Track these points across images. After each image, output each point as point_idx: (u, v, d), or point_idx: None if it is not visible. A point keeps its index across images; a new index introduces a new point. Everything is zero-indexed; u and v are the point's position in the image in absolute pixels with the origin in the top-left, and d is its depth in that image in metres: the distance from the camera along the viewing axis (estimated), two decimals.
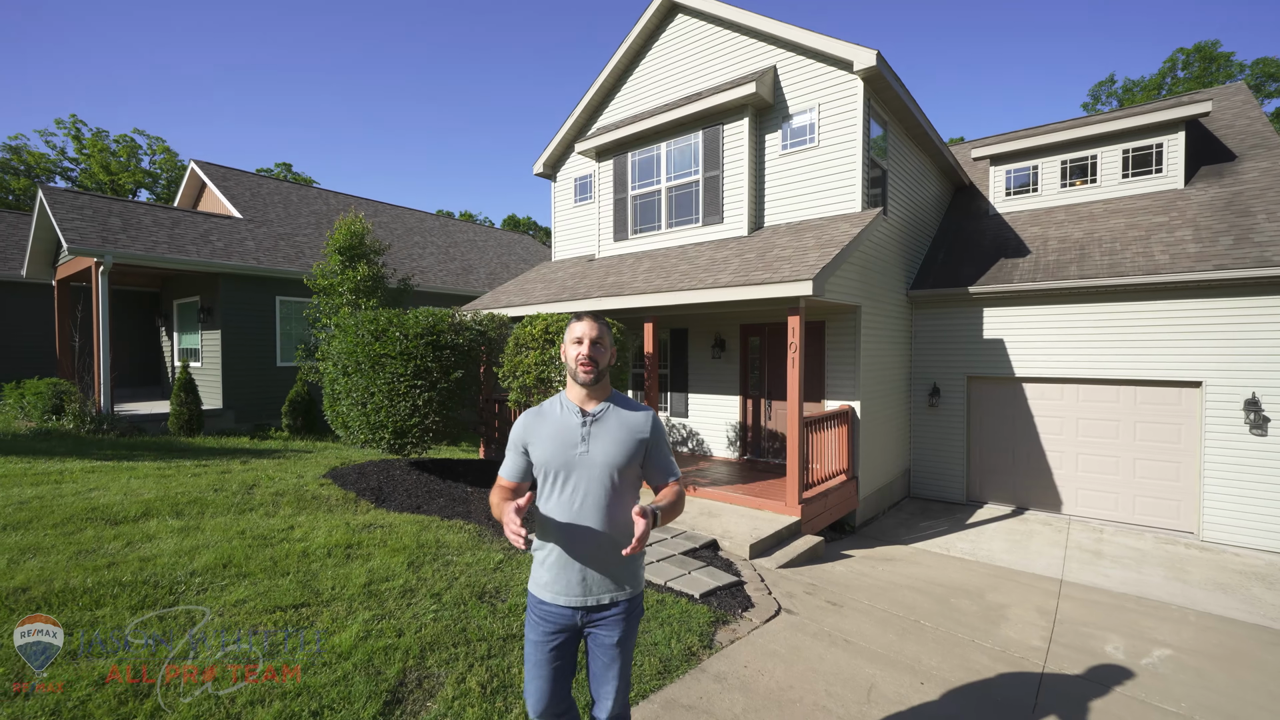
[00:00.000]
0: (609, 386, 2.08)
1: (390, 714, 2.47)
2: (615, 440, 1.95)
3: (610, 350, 2.03)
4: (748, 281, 6.21)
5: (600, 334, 2.00)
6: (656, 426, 2.05)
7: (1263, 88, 21.76)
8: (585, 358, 1.96)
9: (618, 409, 2.02)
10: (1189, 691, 3.61)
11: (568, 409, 2.01)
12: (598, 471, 1.92)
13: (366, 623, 3.19)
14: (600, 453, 1.93)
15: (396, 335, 6.47)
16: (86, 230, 9.98)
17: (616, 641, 1.94)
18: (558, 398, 2.07)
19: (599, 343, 1.99)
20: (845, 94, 7.42)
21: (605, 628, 1.95)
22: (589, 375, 1.97)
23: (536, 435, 1.98)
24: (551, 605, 1.94)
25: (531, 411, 2.06)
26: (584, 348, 1.97)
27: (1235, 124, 9.83)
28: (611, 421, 1.98)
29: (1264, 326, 6.89)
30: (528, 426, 2.02)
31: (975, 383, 9.06)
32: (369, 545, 4.53)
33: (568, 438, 1.94)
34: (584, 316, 2.05)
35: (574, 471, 1.92)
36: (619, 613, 1.96)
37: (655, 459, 2.04)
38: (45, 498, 5.16)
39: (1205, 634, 4.70)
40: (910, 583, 5.42)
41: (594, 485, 1.91)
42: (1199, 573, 6.29)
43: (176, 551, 4.03)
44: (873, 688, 3.19)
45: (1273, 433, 6.85)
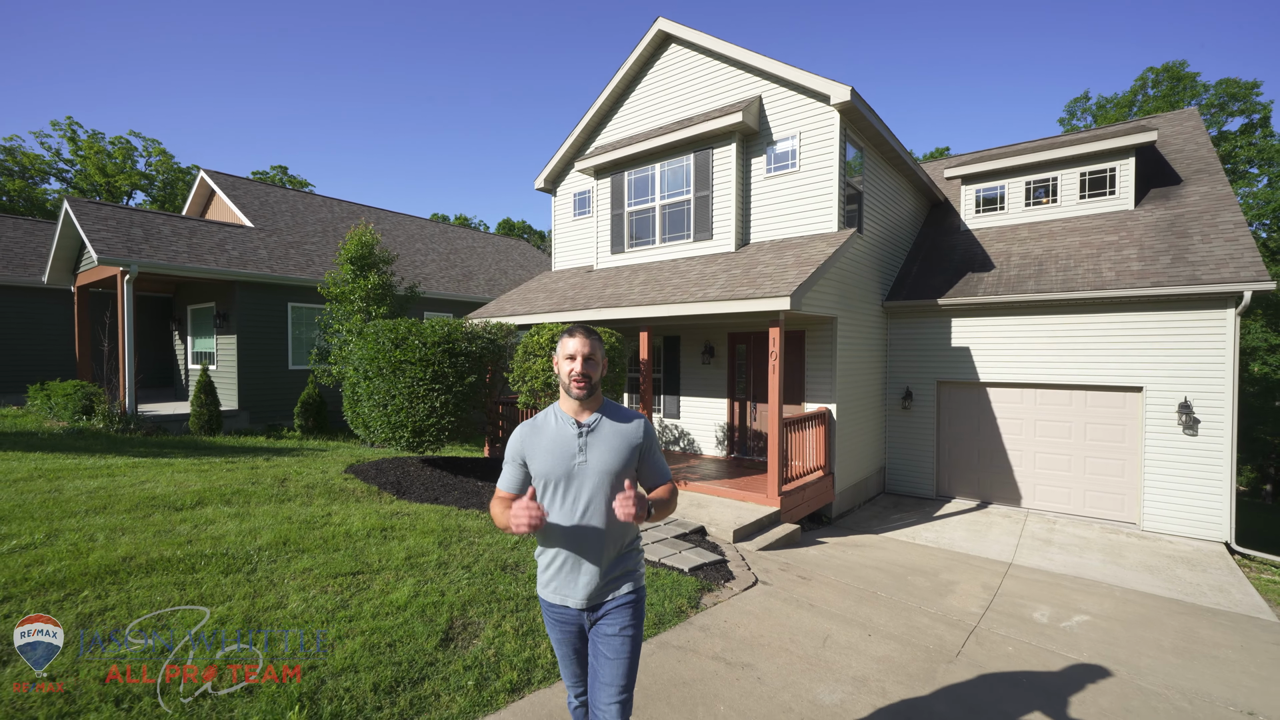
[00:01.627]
0: (601, 397, 2.14)
1: (446, 646, 3.17)
2: (611, 449, 2.02)
3: (602, 363, 2.09)
4: (734, 296, 6.93)
5: (592, 349, 2.05)
6: (648, 432, 2.14)
7: (1226, 107, 22.85)
8: (579, 375, 2.01)
9: (610, 419, 2.08)
10: (1092, 644, 4.36)
11: (562, 420, 2.06)
12: (597, 479, 1.99)
13: (414, 585, 3.87)
14: (598, 461, 2.00)
15: (416, 343, 7.14)
16: (113, 240, 10.57)
17: (620, 630, 2.01)
18: (551, 410, 2.13)
19: (591, 358, 2.04)
20: (824, 124, 8.17)
21: (610, 619, 2.03)
22: (582, 390, 2.03)
23: (534, 448, 2.04)
24: (561, 607, 2.05)
25: (526, 425, 2.12)
26: (577, 364, 2.02)
27: (1185, 149, 10.68)
28: (606, 430, 2.05)
29: (1194, 337, 7.70)
30: (524, 440, 2.07)
31: (944, 387, 9.84)
32: (401, 529, 5.20)
33: (565, 449, 2.01)
34: (576, 332, 2.07)
35: (574, 481, 2.00)
36: (622, 603, 2.04)
37: (649, 463, 2.13)
38: (108, 488, 5.79)
39: (1123, 605, 5.46)
40: (874, 564, 6.15)
41: (595, 493, 1.99)
42: (1133, 557, 7.07)
43: (239, 532, 4.69)
44: (828, 637, 3.91)
45: (1202, 433, 7.65)
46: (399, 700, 2.68)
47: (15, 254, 13.78)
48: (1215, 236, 8.23)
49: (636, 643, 2.06)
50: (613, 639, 2.01)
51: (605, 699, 1.99)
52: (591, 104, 10.82)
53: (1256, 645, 4.67)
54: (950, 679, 3.55)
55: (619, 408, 2.16)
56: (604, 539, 2.00)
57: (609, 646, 2.01)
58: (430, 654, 3.07)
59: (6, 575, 3.44)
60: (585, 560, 2.01)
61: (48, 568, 3.60)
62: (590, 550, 2.00)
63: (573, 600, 2.02)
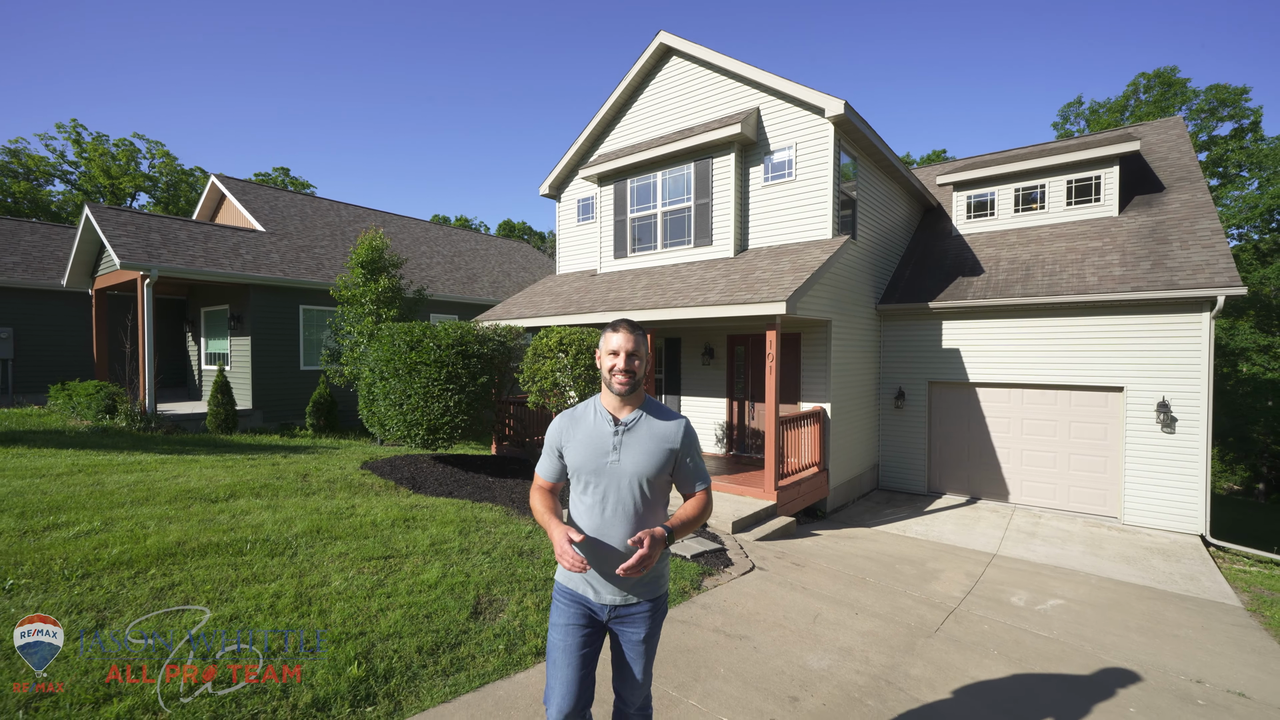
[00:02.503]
0: (643, 394, 2.08)
1: (476, 618, 3.54)
2: (645, 451, 1.97)
3: (647, 359, 2.03)
4: (732, 301, 7.30)
5: (636, 345, 2.00)
6: (687, 435, 2.06)
7: (1216, 112, 23.28)
8: (622, 370, 1.98)
9: (650, 417, 2.03)
10: (1063, 624, 4.74)
11: (601, 415, 2.03)
12: (627, 480, 1.94)
13: (442, 568, 4.25)
14: (630, 462, 1.95)
15: (430, 345, 7.52)
16: (134, 246, 10.95)
17: (643, 638, 1.98)
18: (592, 402, 2.09)
19: (635, 354, 1.99)
20: (819, 136, 8.55)
21: (632, 625, 1.98)
22: (624, 387, 1.99)
23: (570, 439, 2.02)
24: (578, 594, 2.01)
25: (566, 415, 2.09)
26: (620, 360, 1.98)
27: (1169, 157, 11.06)
28: (643, 431, 2.00)
29: (1172, 339, 8.08)
30: (562, 430, 2.06)
31: (935, 387, 10.22)
32: (422, 519, 5.58)
33: (600, 445, 1.97)
34: (620, 326, 2.02)
35: (603, 479, 1.96)
36: (645, 610, 1.99)
37: (685, 468, 2.05)
38: (145, 482, 6.16)
39: (1097, 591, 5.84)
40: (865, 553, 6.53)
41: (623, 494, 1.94)
42: (1112, 549, 7.45)
43: (275, 521, 5.07)
44: (818, 615, 4.29)
45: (1179, 431, 8.03)
46: (440, 660, 3.06)
47: (34, 258, 14.16)
48: (1193, 243, 8.61)
49: (655, 645, 2.08)
50: (636, 645, 2.00)
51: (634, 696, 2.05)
52: (595, 112, 11.20)
53: (1216, 626, 5.05)
54: (927, 650, 3.93)
55: (661, 407, 2.10)
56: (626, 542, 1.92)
57: (632, 650, 2.00)
58: (463, 624, 3.45)
59: (80, 556, 3.82)
60: (608, 560, 1.95)
61: (113, 550, 3.97)
62: (613, 552, 1.94)
63: (592, 594, 1.98)
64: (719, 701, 3.06)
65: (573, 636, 1.98)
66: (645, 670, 2.04)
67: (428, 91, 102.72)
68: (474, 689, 2.87)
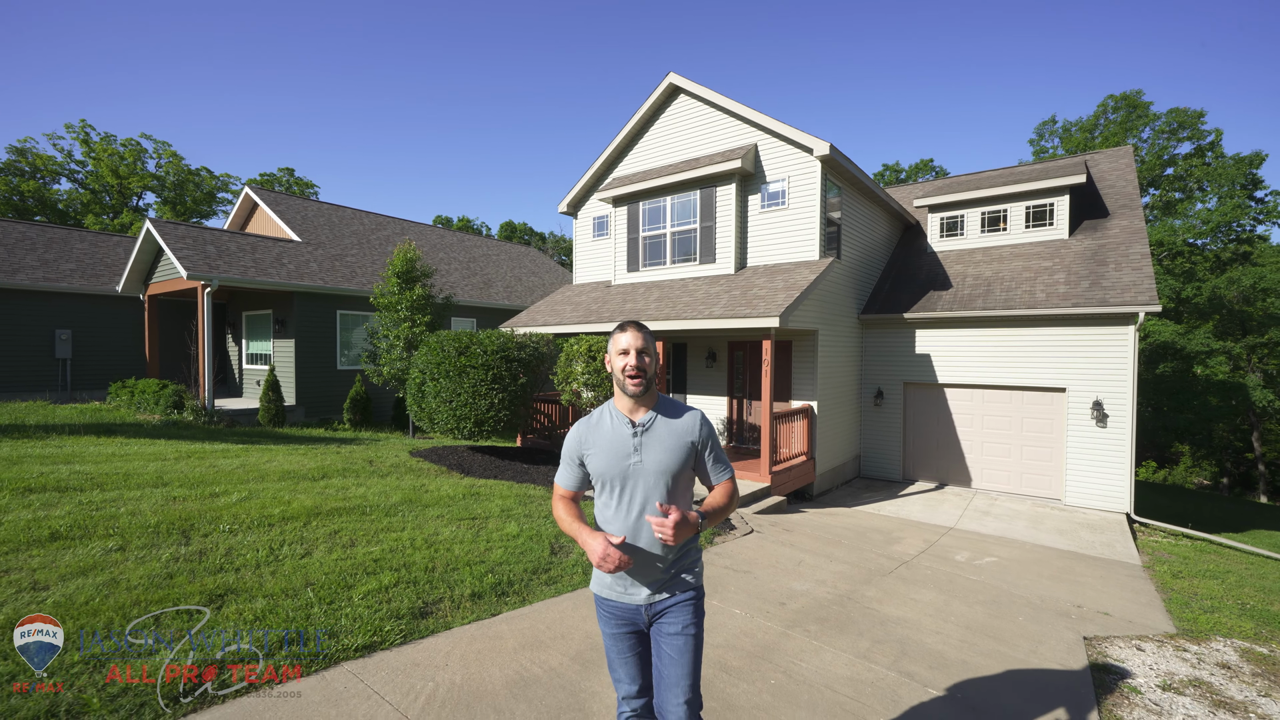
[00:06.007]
0: (656, 394, 2.11)
1: (554, 555, 4.90)
2: (666, 448, 2.00)
3: (657, 357, 2.05)
4: (734, 315, 8.67)
5: (645, 343, 2.02)
6: (704, 427, 2.08)
7: (1176, 133, 24.97)
8: (634, 368, 2.00)
9: (665, 417, 2.06)
10: (991, 573, 6.15)
11: (617, 420, 2.06)
12: (652, 480, 1.98)
13: (518, 525, 5.59)
14: (653, 461, 1.98)
15: (478, 351, 8.84)
16: (195, 258, 12.19)
17: (682, 629, 1.99)
18: (605, 408, 2.12)
19: (645, 351, 2.02)
20: (808, 171, 9.92)
21: (670, 619, 2.00)
22: (638, 386, 2.01)
23: (590, 447, 2.05)
24: (616, 603, 2.04)
25: (582, 423, 2.12)
26: (631, 358, 2.00)
27: (1116, 184, 12.52)
28: (661, 429, 2.03)
29: (1105, 348, 9.52)
30: (581, 439, 2.08)
31: (910, 387, 11.64)
32: (485, 494, 6.92)
33: (620, 449, 2.00)
34: (627, 326, 2.04)
35: (629, 480, 1.99)
36: (683, 600, 2.02)
37: (706, 460, 2.08)
38: (247, 465, 7.46)
39: (1028, 553, 7.26)
40: (843, 525, 7.94)
41: (650, 494, 1.98)
42: (1050, 524, 8.89)
43: (374, 493, 6.39)
44: (801, 561, 5.68)
45: (1110, 426, 9.48)
46: (540, 577, 4.42)
47: (87, 265, 15.33)
48: (1126, 265, 10.06)
49: (699, 640, 2.04)
50: (676, 638, 1.99)
51: (675, 700, 1.97)
52: (610, 141, 12.53)
53: (1112, 576, 6.48)
54: (881, 583, 5.33)
55: (674, 404, 2.14)
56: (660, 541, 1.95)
57: (672, 646, 1.99)
58: (547, 559, 4.81)
59: (255, 514, 5.14)
60: (641, 561, 1.99)
61: (273, 510, 5.29)
62: (644, 553, 1.98)
63: (630, 598, 2.01)
64: (733, 603, 4.44)
65: (623, 641, 2.07)
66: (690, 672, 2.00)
67: (427, 91, 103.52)
68: (569, 591, 4.24)
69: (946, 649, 4.02)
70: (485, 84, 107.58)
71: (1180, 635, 4.71)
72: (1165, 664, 4.13)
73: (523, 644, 3.42)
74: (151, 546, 4.12)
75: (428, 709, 2.75)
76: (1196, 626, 4.93)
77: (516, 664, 3.17)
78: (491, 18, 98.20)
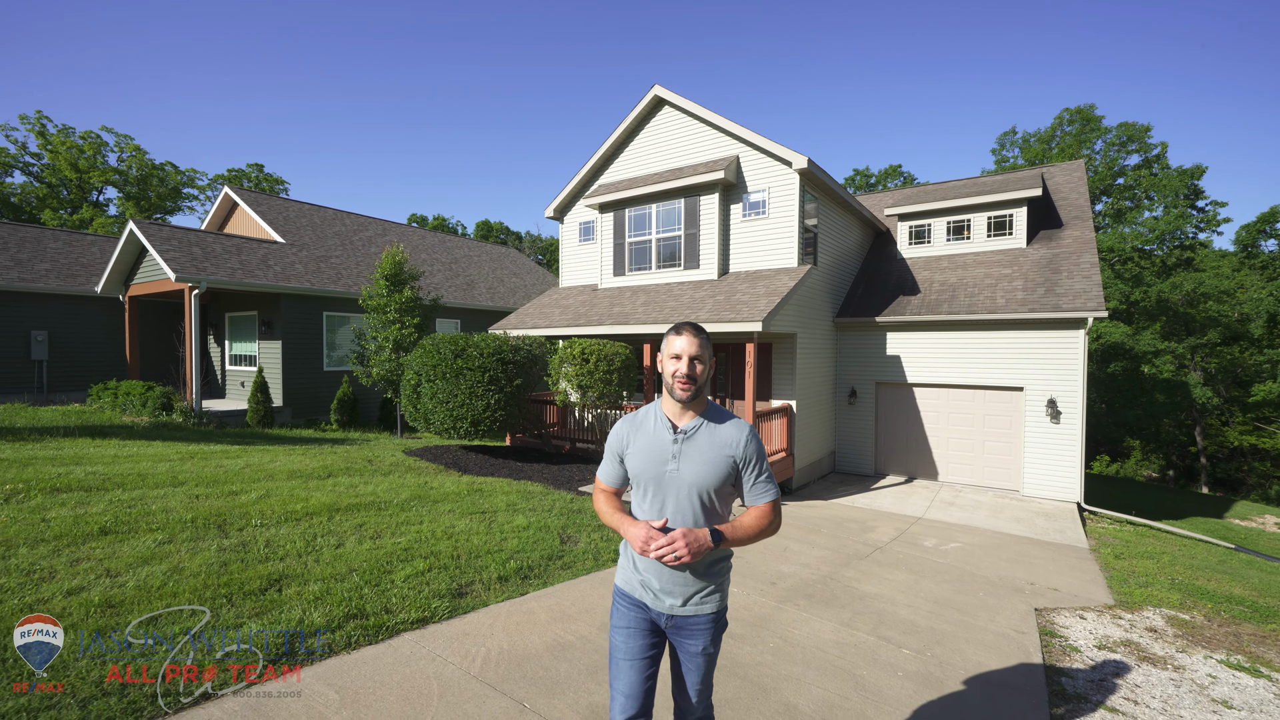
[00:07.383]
0: (705, 400, 2.04)
1: (565, 544, 5.32)
2: (705, 460, 1.94)
3: (710, 363, 1.97)
4: (719, 319, 9.18)
5: (700, 349, 1.95)
6: (750, 443, 2.00)
7: (1125, 145, 26.58)
8: (684, 376, 1.93)
9: (711, 424, 1.99)
10: (955, 556, 6.78)
11: (661, 422, 2.01)
12: (685, 490, 1.92)
13: (525, 518, 5.99)
14: (689, 472, 1.92)
15: (474, 353, 9.18)
16: (182, 260, 12.21)
17: (702, 649, 1.97)
18: (652, 407, 2.07)
19: (698, 358, 1.95)
20: (787, 183, 10.50)
21: (691, 637, 1.97)
22: (686, 393, 1.95)
23: (632, 445, 2.02)
24: (640, 602, 2.02)
25: (627, 420, 2.10)
26: (683, 365, 1.94)
27: (1069, 197, 13.44)
28: (703, 439, 1.96)
29: (1059, 350, 10.32)
30: (623, 436, 2.07)
31: (881, 387, 12.34)
32: (488, 490, 7.29)
33: (659, 453, 1.96)
34: (683, 330, 1.96)
35: (663, 487, 1.94)
36: (703, 623, 1.97)
37: (747, 478, 2.00)
38: (253, 465, 7.68)
39: (988, 539, 7.94)
40: (821, 515, 8.52)
41: (682, 503, 1.92)
42: (1010, 512, 9.63)
43: (384, 490, 6.71)
44: (786, 547, 6.22)
45: (1063, 422, 10.28)
46: (555, 563, 4.85)
47: (62, 265, 15.10)
48: (1077, 274, 10.90)
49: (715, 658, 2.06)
50: (695, 657, 1.99)
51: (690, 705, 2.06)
52: (595, 150, 12.94)
53: (1062, 558, 7.17)
54: (859, 565, 5.90)
55: (723, 412, 2.07)
56: None
57: (691, 663, 2.01)
58: (559, 547, 5.24)
59: (278, 510, 5.43)
60: (665, 570, 1.95)
61: (294, 506, 5.60)
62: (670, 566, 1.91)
63: (651, 600, 1.99)
64: (730, 583, 4.93)
65: (634, 640, 2.00)
66: (703, 683, 2.02)
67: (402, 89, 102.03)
68: (583, 575, 4.68)
69: (917, 618, 4.58)
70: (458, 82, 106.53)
71: (1117, 606, 5.38)
72: (1103, 629, 4.76)
73: (553, 617, 3.86)
74: (196, 540, 4.42)
75: (486, 666, 3.20)
76: (1132, 599, 5.61)
77: (551, 633, 3.62)
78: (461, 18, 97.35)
